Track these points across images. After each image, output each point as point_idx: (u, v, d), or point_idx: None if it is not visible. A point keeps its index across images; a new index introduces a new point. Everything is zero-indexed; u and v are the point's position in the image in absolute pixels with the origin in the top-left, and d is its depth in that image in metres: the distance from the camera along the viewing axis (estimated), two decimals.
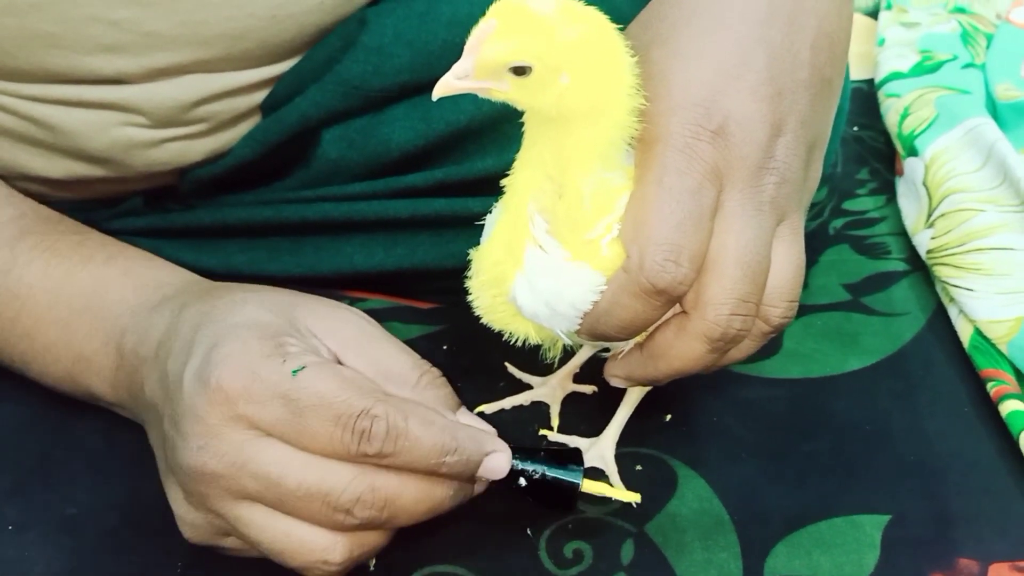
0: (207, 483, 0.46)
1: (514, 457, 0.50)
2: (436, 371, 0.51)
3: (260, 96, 0.65)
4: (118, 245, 0.58)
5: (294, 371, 0.45)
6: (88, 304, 0.54)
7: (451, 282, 0.55)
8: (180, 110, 0.62)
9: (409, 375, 0.50)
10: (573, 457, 0.52)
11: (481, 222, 0.50)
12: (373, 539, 0.48)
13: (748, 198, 0.45)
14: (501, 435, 0.50)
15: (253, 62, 0.62)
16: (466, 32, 0.42)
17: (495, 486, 0.50)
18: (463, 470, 0.48)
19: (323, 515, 0.45)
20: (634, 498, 0.53)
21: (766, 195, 0.46)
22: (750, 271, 0.45)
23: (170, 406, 0.47)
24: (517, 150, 0.46)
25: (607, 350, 0.53)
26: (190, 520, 0.48)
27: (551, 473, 0.51)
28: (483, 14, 0.42)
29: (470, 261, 0.50)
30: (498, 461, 0.49)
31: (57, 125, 0.60)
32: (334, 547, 0.46)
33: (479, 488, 0.50)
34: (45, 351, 0.55)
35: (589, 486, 0.52)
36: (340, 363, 0.50)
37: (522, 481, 0.50)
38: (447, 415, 0.50)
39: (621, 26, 0.44)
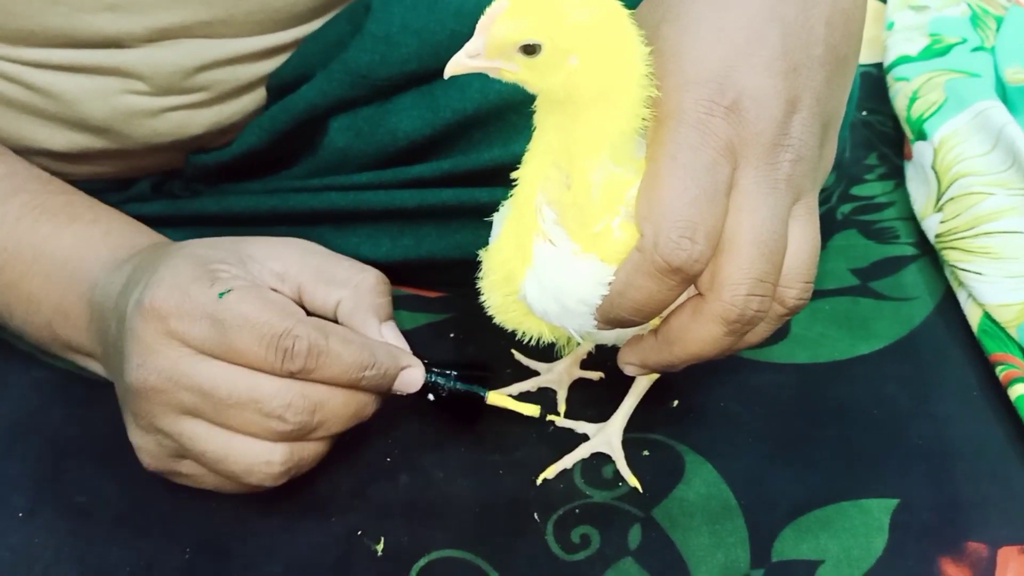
0: (149, 399, 0.48)
1: (427, 373, 0.54)
2: (376, 275, 0.55)
3: (262, 67, 0.65)
4: (104, 208, 0.60)
5: (220, 293, 0.49)
6: (69, 258, 0.56)
7: (457, 273, 0.55)
8: (181, 76, 0.62)
9: (349, 278, 0.54)
10: (482, 375, 0.56)
11: (488, 218, 0.50)
12: (312, 446, 0.51)
13: (763, 175, 0.44)
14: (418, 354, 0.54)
15: (254, 27, 0.63)
16: (473, 22, 0.42)
17: (409, 397, 0.54)
18: (381, 383, 0.51)
19: (257, 423, 0.48)
20: (533, 411, 0.56)
21: (782, 172, 0.45)
22: (767, 250, 0.44)
23: (120, 338, 0.50)
24: (524, 140, 0.46)
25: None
26: (144, 445, 0.51)
27: (460, 387, 0.55)
28: (490, 3, 0.42)
29: (479, 260, 0.49)
30: (412, 376, 0.53)
31: (58, 93, 0.61)
32: (274, 450, 0.49)
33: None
34: (28, 301, 0.57)
35: (493, 398, 0.56)
36: (284, 279, 0.54)
37: (430, 396, 0.55)
38: (373, 324, 0.54)
39: (631, 5, 0.44)
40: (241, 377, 0.48)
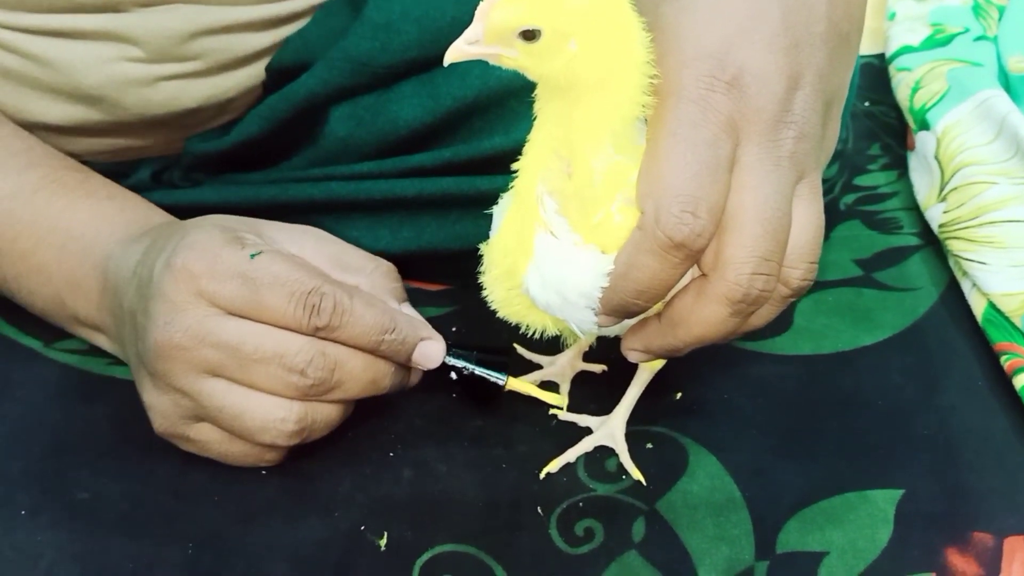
0: (172, 358, 0.49)
1: (448, 354, 0.54)
2: (389, 264, 0.56)
3: (258, 40, 0.65)
4: (119, 187, 0.61)
5: (252, 255, 0.51)
6: (84, 232, 0.57)
7: (458, 265, 0.55)
8: (176, 41, 0.62)
9: (364, 265, 0.55)
10: (502, 359, 0.57)
11: (488, 211, 0.50)
12: (326, 410, 0.52)
13: (766, 152, 0.44)
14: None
15: None
16: (473, 8, 0.42)
17: (429, 376, 0.55)
18: (400, 349, 0.52)
19: (279, 378, 0.50)
20: (560, 401, 0.57)
21: (784, 150, 0.44)
22: (771, 228, 0.43)
23: (142, 301, 0.51)
24: (525, 127, 0.46)
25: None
26: (158, 406, 0.51)
27: (479, 370, 0.55)
28: None
29: (480, 253, 0.49)
30: (431, 348, 0.54)
31: (53, 60, 0.61)
32: (290, 408, 0.50)
33: (414, 379, 0.55)
34: (39, 271, 0.57)
35: (513, 384, 0.57)
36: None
37: (452, 375, 0.55)
38: (392, 303, 0.54)
39: None
40: (267, 333, 0.50)
